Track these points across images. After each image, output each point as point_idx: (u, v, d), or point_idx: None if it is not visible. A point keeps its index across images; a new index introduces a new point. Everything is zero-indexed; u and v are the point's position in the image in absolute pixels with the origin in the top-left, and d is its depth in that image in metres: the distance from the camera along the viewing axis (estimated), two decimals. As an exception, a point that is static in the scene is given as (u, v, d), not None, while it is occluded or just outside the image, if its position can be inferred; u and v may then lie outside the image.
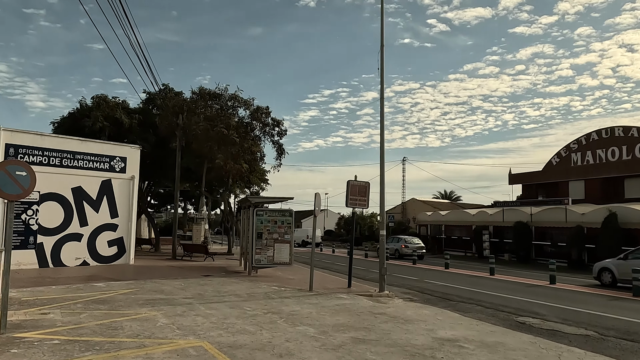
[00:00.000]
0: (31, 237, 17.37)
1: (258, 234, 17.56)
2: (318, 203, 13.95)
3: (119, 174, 19.79)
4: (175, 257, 24.62)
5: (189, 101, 24.75)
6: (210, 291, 13.26)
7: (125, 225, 19.84)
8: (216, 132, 22.41)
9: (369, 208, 22.93)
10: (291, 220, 17.94)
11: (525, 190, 46.62)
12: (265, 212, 17.81)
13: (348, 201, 15.07)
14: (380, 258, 14.61)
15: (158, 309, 10.32)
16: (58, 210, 18.11)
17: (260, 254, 17.55)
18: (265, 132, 25.42)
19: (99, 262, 19.04)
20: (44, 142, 17.81)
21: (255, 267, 17.82)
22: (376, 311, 11.12)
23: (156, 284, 14.26)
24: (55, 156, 18.07)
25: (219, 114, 23.63)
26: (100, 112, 26.21)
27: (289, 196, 18.12)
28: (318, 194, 13.97)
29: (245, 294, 13.04)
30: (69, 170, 18.41)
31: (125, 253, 19.81)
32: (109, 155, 19.52)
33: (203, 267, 20.78)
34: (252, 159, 24.42)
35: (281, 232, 17.80)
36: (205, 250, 23.93)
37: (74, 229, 18.44)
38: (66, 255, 18.19)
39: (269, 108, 24.85)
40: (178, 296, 12.24)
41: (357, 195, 15.26)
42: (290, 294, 13.24)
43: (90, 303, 10.89)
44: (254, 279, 16.40)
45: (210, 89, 23.89)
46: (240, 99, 23.94)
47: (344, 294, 13.73)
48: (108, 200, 19.39)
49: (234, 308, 10.78)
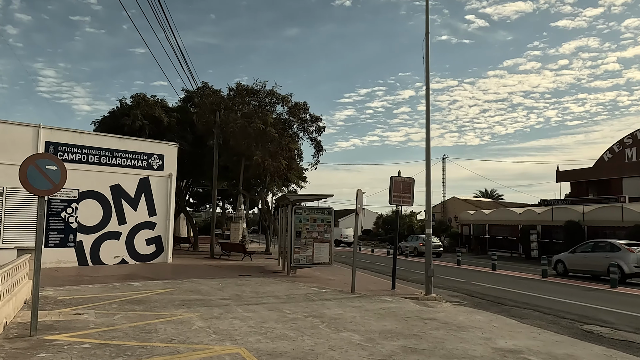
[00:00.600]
0: (71, 235, 17.34)
1: (297, 233, 16.97)
2: (360, 200, 13.21)
3: (156, 171, 19.60)
4: (213, 256, 24.37)
5: (226, 98, 24.43)
6: (248, 292, 12.73)
7: (163, 224, 19.63)
8: (253, 129, 21.97)
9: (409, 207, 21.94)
10: (331, 218, 17.26)
11: (575, 188, 44.46)
12: (304, 210, 17.20)
13: (391, 198, 14.28)
14: (426, 258, 13.75)
15: (194, 311, 9.83)
16: (97, 208, 18.04)
17: (299, 254, 16.95)
18: (303, 129, 24.84)
19: (137, 260, 18.88)
20: (82, 140, 17.76)
21: (294, 267, 17.24)
22: (425, 316, 10.30)
23: (193, 284, 13.86)
24: (93, 154, 18.00)
25: (257, 111, 23.19)
26: (140, 110, 26.25)
27: (328, 193, 17.45)
28: (360, 190, 13.24)
29: (285, 295, 12.45)
30: (107, 168, 18.32)
31: (163, 252, 19.60)
32: (146, 152, 19.35)
33: (241, 266, 20.37)
34: (290, 156, 23.87)
35: (320, 230, 17.15)
36: (243, 250, 23.57)
37: (112, 227, 18.34)
38: (105, 254, 18.10)
39: (306, 104, 24.28)
40: (215, 297, 11.75)
41: (401, 192, 14.44)
42: (332, 296, 12.56)
43: (125, 303, 10.52)
44: (293, 280, 15.82)
45: (247, 85, 23.50)
46: (277, 95, 23.43)
47: (388, 296, 12.94)
48: (146, 198, 19.22)
49: (273, 311, 10.18)
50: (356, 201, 13.17)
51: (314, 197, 17.65)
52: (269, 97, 23.52)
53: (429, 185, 14.07)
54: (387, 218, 69.46)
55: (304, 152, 25.46)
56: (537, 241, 33.53)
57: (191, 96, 28.87)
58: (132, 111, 26.19)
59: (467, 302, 13.29)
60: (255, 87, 23.37)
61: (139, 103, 26.97)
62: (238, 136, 23.19)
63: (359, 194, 13.20)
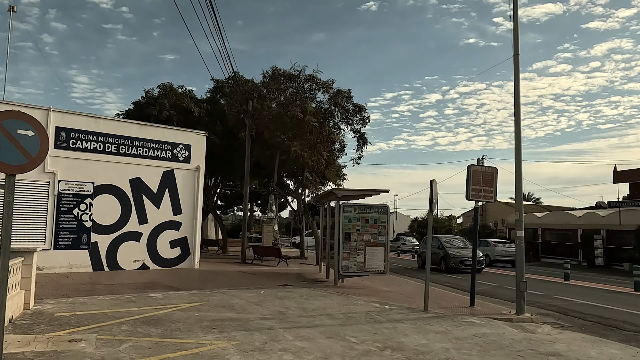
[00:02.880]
0: (84, 236, 15.06)
1: (345, 235, 14.30)
2: (435, 192, 10.44)
3: (182, 163, 17.20)
4: (244, 261, 21.89)
5: (259, 85, 21.94)
6: (294, 308, 10.11)
7: (190, 224, 17.21)
8: (290, 117, 19.40)
9: (443, 209, 18.63)
10: (386, 218, 14.54)
11: (635, 189, 40.50)
12: (354, 208, 14.51)
13: (469, 192, 11.47)
14: (517, 269, 10.89)
15: (228, 337, 7.25)
16: (114, 204, 15.74)
17: (349, 260, 14.26)
18: (345, 120, 22.17)
19: (159, 265, 16.49)
20: (98, 126, 15.49)
21: (341, 276, 14.57)
22: (542, 349, 7.48)
23: (225, 296, 11.31)
24: (111, 142, 15.70)
25: (294, 98, 20.63)
26: (167, 100, 24.04)
27: (383, 189, 14.72)
28: (434, 180, 10.48)
29: (341, 313, 9.78)
30: (127, 158, 16.00)
31: (190, 255, 17.17)
32: (171, 142, 16.97)
33: (277, 273, 17.80)
34: (331, 149, 21.24)
35: (374, 232, 14.44)
36: (279, 254, 21.01)
37: (132, 226, 16.00)
38: (123, 257, 15.76)
39: (350, 92, 21.58)
40: (253, 315, 9.17)
41: (481, 185, 11.63)
42: (401, 316, 9.82)
43: (139, 324, 8.01)
44: (343, 291, 13.13)
45: (284, 70, 20.93)
46: (318, 81, 20.80)
47: (471, 316, 10.13)
48: (170, 194, 16.84)
49: (333, 338, 7.53)
50: (430, 194, 10.40)
51: (367, 192, 14.95)
52: (309, 83, 20.93)
53: (520, 175, 11.22)
54: (422, 221, 66.09)
55: (347, 145, 22.70)
56: (602, 247, 30.00)
57: (221, 86, 26.55)
58: (159, 101, 24.03)
59: (569, 325, 10.43)
60: (293, 72, 20.82)
61: (167, 93, 24.78)
62: (273, 127, 20.67)
63: (434, 185, 10.43)
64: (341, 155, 22.79)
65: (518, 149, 11.27)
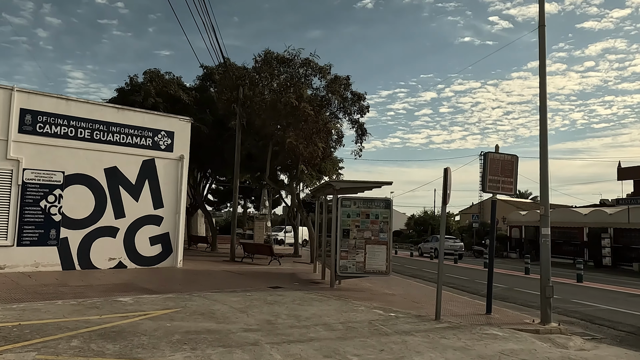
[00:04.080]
0: (53, 231, 13.50)
1: (344, 232, 12.85)
2: (449, 182, 8.99)
3: (164, 152, 15.66)
4: (233, 259, 20.40)
5: (251, 70, 20.36)
6: (285, 316, 8.64)
7: (172, 218, 15.68)
8: (284, 104, 17.87)
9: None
10: (388, 213, 13.08)
11: (639, 187, 39.34)
12: (353, 202, 13.05)
13: (486, 184, 10.07)
14: (542, 271, 9.47)
15: (202, 357, 5.78)
16: (87, 196, 14.19)
17: (347, 259, 12.81)
18: (343, 109, 20.64)
19: (138, 263, 14.97)
20: (69, 109, 13.91)
21: (339, 277, 13.12)
22: (590, 374, 6.06)
23: (205, 301, 9.82)
24: (84, 127, 14.14)
25: (289, 85, 19.09)
26: (153, 86, 22.46)
27: (386, 181, 13.24)
28: (449, 168, 9.02)
29: (339, 323, 8.32)
30: (102, 145, 14.43)
31: (172, 253, 15.64)
32: (152, 128, 15.40)
33: (268, 273, 16.33)
34: (327, 139, 19.73)
35: (375, 229, 12.99)
36: (270, 252, 19.54)
37: (107, 221, 14.45)
38: (97, 255, 14.22)
39: (349, 78, 20.04)
40: (236, 325, 7.69)
41: (499, 175, 10.20)
42: (410, 326, 8.37)
43: (94, 338, 6.53)
44: (341, 295, 11.68)
45: (278, 53, 19.37)
46: (314, 65, 19.23)
47: (491, 326, 8.70)
48: (150, 186, 15.31)
49: (331, 358, 6.08)
50: (445, 184, 8.94)
51: (368, 184, 13.47)
52: (304, 68, 19.38)
53: (546, 164, 9.79)
54: (418, 219, 64.95)
55: (344, 136, 21.19)
56: (610, 246, 28.72)
57: (211, 73, 24.97)
58: (144, 87, 22.47)
59: (601, 336, 9.11)
60: (288, 56, 19.27)
61: (152, 79, 23.18)
62: (265, 115, 19.14)
63: (448, 173, 8.97)
64: (338, 146, 21.30)
65: (544, 132, 9.84)
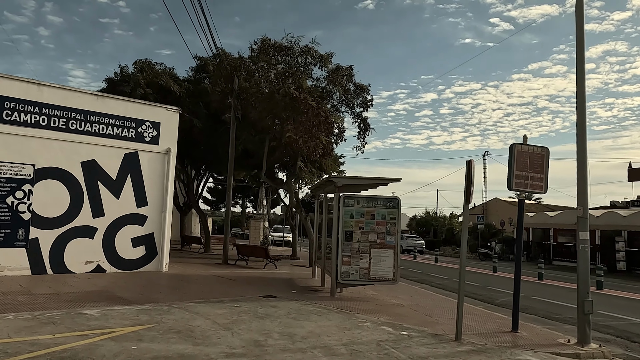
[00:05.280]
0: (21, 231, 12.09)
1: (346, 234, 11.46)
2: (473, 177, 7.59)
3: (149, 145, 14.26)
4: (226, 262, 18.99)
5: (247, 60, 18.95)
6: (277, 335, 7.24)
7: (157, 218, 14.28)
8: (283, 95, 16.48)
9: (442, 207, 15.85)
10: (396, 213, 11.70)
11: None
12: (357, 200, 11.66)
13: (512, 181, 8.67)
14: (579, 282, 8.08)
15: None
16: (62, 192, 12.78)
17: (350, 265, 11.42)
18: (345, 102, 19.27)
19: (118, 267, 13.57)
20: (42, 95, 12.51)
21: (340, 285, 11.73)
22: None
23: (186, 314, 8.42)
24: (58, 116, 12.74)
25: (287, 74, 17.69)
26: (144, 78, 21.10)
27: (394, 177, 11.82)
28: (472, 161, 7.63)
29: (342, 344, 6.92)
30: (79, 136, 13.04)
31: (157, 256, 14.25)
32: (135, 118, 14.01)
33: (262, 278, 14.95)
34: (329, 132, 18.34)
35: (381, 231, 11.60)
36: (266, 254, 18.14)
37: (84, 220, 13.05)
38: (72, 258, 12.82)
39: (352, 69, 18.65)
40: (217, 348, 6.31)
41: (527, 171, 8.82)
42: (426, 349, 6.96)
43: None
44: (344, 306, 10.27)
45: (275, 40, 17.95)
46: (314, 54, 17.84)
47: (522, 349, 7.30)
48: (133, 182, 13.91)
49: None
50: (468, 179, 7.53)
51: (374, 181, 12.07)
52: (304, 57, 17.99)
53: (584, 155, 8.42)
54: (420, 219, 63.42)
55: (346, 130, 19.80)
56: (624, 250, 27.31)
57: (204, 64, 23.55)
58: (133, 76, 21.12)
59: (650, 360, 7.68)
60: (286, 43, 17.88)
61: (143, 69, 21.80)
62: (262, 107, 17.73)
63: (472, 167, 7.57)
64: (340, 141, 19.90)
65: (582, 123, 8.48)
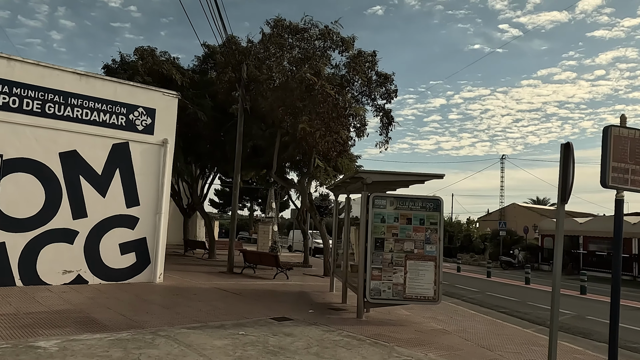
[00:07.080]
0: (-16, 233, 10.10)
1: (376, 242, 9.35)
2: (571, 165, 5.44)
3: (142, 134, 12.23)
4: (231, 270, 16.90)
5: (257, 44, 16.89)
6: (295, 387, 5.11)
7: (151, 220, 12.22)
8: (299, 81, 14.40)
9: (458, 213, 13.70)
10: (438, 217, 9.58)
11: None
12: (390, 201, 9.54)
13: (608, 174, 6.43)
14: None
15: None
16: (35, 189, 10.77)
17: (381, 280, 9.30)
18: (367, 92, 17.14)
19: (103, 278, 11.51)
20: (13, 72, 10.52)
21: (369, 305, 9.60)
22: None
23: (174, 348, 6.30)
24: (33, 97, 10.75)
25: (303, 59, 15.60)
26: (143, 65, 19.20)
27: (436, 173, 9.69)
28: (570, 143, 5.46)
29: (390, 405, 4.76)
30: (57, 122, 11.03)
31: (149, 265, 12.17)
32: (126, 103, 11.99)
33: (272, 291, 12.84)
34: (350, 128, 16.23)
35: (419, 239, 9.48)
36: (276, 262, 16.03)
37: (62, 221, 11.01)
38: (47, 266, 10.78)
39: (375, 54, 16.53)
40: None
41: (627, 162, 6.61)
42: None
43: None
44: (376, 334, 8.12)
45: (291, 22, 15.87)
46: (335, 37, 15.76)
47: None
48: (123, 178, 11.87)
49: None
50: (565, 170, 5.38)
51: (411, 177, 9.93)
52: (322, 40, 15.92)
53: None
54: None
55: (367, 124, 17.66)
56: (668, 261, 24.94)
57: (212, 53, 21.58)
58: (132, 63, 19.28)
59: None
60: (303, 25, 15.82)
61: (143, 56, 19.88)
62: (274, 97, 15.64)
63: (571, 150, 5.40)
64: (362, 135, 17.76)
65: None
